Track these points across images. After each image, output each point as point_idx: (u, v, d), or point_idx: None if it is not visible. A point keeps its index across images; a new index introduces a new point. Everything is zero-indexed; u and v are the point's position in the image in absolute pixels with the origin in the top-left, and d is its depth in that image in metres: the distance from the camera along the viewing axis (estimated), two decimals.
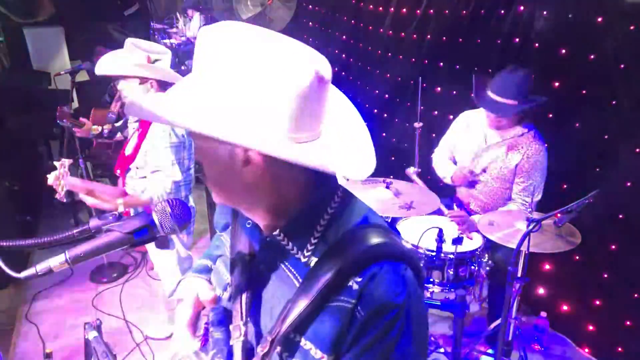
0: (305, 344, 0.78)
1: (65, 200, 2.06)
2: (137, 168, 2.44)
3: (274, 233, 0.83)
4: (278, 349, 0.79)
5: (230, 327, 0.89)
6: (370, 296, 0.74)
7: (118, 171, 2.57)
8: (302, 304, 0.77)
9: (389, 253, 0.78)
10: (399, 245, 0.80)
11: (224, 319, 0.93)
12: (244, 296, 0.88)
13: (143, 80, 2.37)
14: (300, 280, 0.80)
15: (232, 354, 0.88)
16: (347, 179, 0.80)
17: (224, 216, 1.04)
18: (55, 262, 0.82)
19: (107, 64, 2.37)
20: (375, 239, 0.78)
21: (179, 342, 0.94)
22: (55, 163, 2.13)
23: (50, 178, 2.14)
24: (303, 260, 0.81)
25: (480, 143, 2.72)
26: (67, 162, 2.14)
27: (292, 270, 0.82)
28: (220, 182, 0.82)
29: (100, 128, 3.25)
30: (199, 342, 0.95)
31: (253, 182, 0.77)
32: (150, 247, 2.68)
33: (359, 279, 0.75)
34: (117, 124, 3.27)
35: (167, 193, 2.31)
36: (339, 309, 0.75)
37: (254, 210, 0.85)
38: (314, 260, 0.80)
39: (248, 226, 0.91)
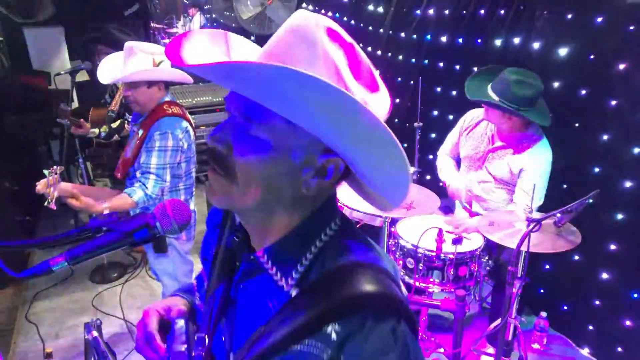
0: None
1: (55, 208, 2.01)
2: (136, 171, 2.41)
3: (258, 254, 0.77)
4: None
5: (195, 337, 0.85)
6: (356, 355, 0.66)
7: (119, 174, 2.55)
8: (273, 336, 0.71)
9: (379, 305, 0.70)
10: (393, 294, 0.72)
11: (187, 330, 0.90)
12: (215, 308, 0.84)
13: (150, 83, 2.34)
14: (277, 308, 0.74)
15: None
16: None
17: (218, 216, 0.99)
18: (55, 262, 0.82)
19: (114, 72, 2.33)
20: (367, 286, 0.69)
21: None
22: (45, 171, 2.02)
23: (39, 185, 2.03)
24: (285, 288, 0.74)
25: (485, 144, 2.72)
26: (58, 169, 2.08)
27: (271, 295, 0.76)
28: (265, 186, 0.72)
29: (97, 131, 3.24)
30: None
31: (307, 195, 0.72)
32: (149, 251, 2.66)
33: (338, 328, 0.67)
34: (114, 125, 3.26)
35: (152, 197, 2.27)
36: (310, 356, 0.68)
37: (264, 223, 0.77)
38: (295, 291, 0.73)
39: (237, 239, 0.84)
